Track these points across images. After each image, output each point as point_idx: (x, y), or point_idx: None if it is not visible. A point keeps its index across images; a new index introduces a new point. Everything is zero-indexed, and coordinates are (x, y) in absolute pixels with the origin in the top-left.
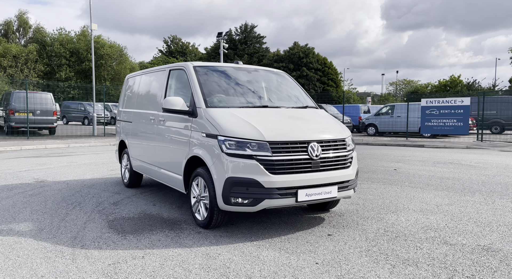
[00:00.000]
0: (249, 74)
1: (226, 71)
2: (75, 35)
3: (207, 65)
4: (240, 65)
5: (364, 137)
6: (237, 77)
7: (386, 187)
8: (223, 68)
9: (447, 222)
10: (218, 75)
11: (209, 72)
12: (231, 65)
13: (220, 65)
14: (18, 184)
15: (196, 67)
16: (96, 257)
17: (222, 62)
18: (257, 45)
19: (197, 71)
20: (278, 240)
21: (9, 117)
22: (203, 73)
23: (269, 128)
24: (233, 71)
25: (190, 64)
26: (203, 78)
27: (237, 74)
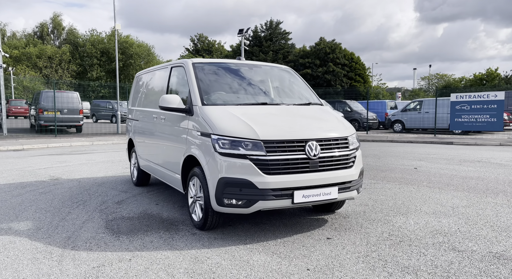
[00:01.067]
0: (250, 71)
1: (226, 67)
2: (106, 36)
3: (207, 62)
4: (242, 61)
5: (389, 134)
6: (237, 74)
7: (401, 187)
8: (223, 64)
9: (460, 226)
10: (218, 72)
11: (208, 69)
12: (232, 61)
13: (220, 61)
14: (33, 181)
15: (195, 63)
16: (84, 259)
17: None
18: (282, 41)
19: (196, 68)
20: (273, 243)
21: (38, 116)
22: (202, 70)
23: (265, 127)
24: (234, 68)
25: (189, 61)
26: (202, 75)
27: (237, 71)
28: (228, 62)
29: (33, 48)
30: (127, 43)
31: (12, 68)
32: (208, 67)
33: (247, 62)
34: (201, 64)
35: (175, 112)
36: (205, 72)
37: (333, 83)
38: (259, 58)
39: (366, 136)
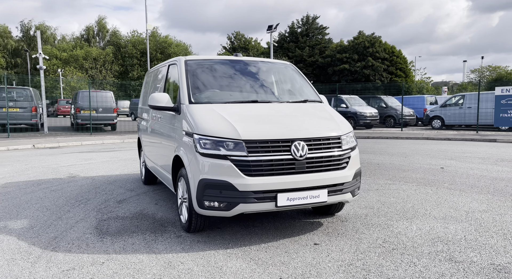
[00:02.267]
0: (245, 67)
1: (220, 64)
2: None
3: (200, 59)
4: (238, 58)
5: (426, 131)
6: (231, 71)
7: (418, 188)
8: (217, 61)
9: (468, 233)
10: (211, 69)
11: (201, 67)
12: (227, 57)
13: (215, 58)
14: (51, 179)
15: (188, 61)
16: (58, 261)
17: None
18: (319, 36)
19: (188, 65)
20: (255, 248)
21: (76, 115)
22: (194, 68)
23: (249, 126)
24: (228, 65)
25: (182, 58)
26: (193, 73)
27: (231, 68)
28: (223, 59)
29: (80, 50)
30: (166, 43)
31: (61, 69)
32: (201, 65)
33: (244, 58)
34: (194, 61)
35: (166, 111)
36: (197, 69)
37: (372, 78)
38: (295, 54)
39: (400, 133)
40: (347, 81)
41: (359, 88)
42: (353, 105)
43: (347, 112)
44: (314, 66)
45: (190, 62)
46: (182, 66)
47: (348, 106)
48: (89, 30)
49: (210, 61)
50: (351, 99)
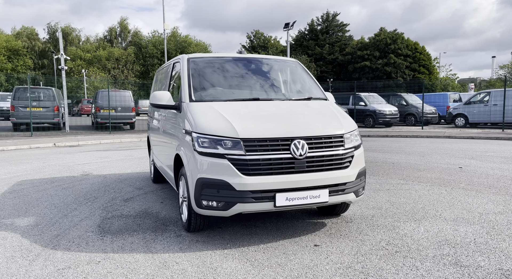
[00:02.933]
0: (249, 65)
1: (223, 62)
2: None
3: (203, 56)
4: (241, 55)
5: (448, 129)
6: (233, 69)
7: (431, 188)
8: (220, 59)
9: (479, 236)
10: (213, 67)
11: (204, 64)
12: (231, 55)
13: (218, 55)
14: (64, 177)
15: (190, 58)
16: (55, 259)
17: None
18: (339, 33)
19: (190, 63)
20: (254, 249)
21: (96, 114)
22: (196, 66)
23: (247, 124)
24: (231, 62)
25: (185, 56)
26: (195, 71)
27: (234, 65)
28: (226, 57)
29: (103, 51)
30: (186, 43)
31: (85, 70)
32: (204, 62)
33: (248, 55)
34: (196, 59)
35: (169, 110)
36: (200, 67)
37: (394, 75)
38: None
39: (420, 132)
40: (368, 78)
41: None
42: (372, 103)
43: (365, 110)
44: (334, 64)
45: (192, 60)
46: (184, 64)
47: (367, 104)
48: (111, 31)
49: (213, 58)
50: (370, 97)
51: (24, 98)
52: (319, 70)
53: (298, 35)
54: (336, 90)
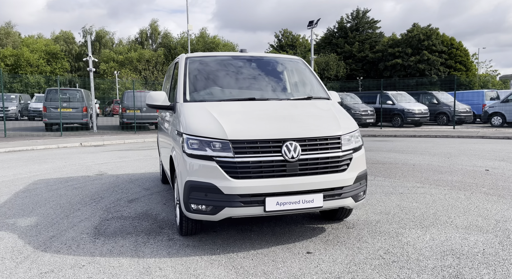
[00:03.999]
0: (249, 64)
1: (222, 61)
2: (195, 37)
3: (202, 56)
4: (241, 54)
5: (483, 128)
6: (232, 68)
7: (449, 192)
8: (220, 58)
9: (489, 246)
10: (212, 66)
11: (202, 64)
12: (231, 54)
13: (217, 54)
14: (79, 176)
15: (188, 58)
16: (42, 262)
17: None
18: (369, 30)
19: (188, 62)
20: (243, 255)
21: (122, 114)
22: (194, 65)
23: (238, 125)
24: (230, 61)
25: (184, 55)
26: (192, 70)
27: (234, 64)
28: (226, 55)
29: (134, 53)
30: (214, 43)
31: (117, 71)
32: (202, 61)
33: (249, 54)
34: (195, 58)
35: (165, 110)
36: (198, 66)
37: (427, 72)
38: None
39: (451, 132)
40: (399, 76)
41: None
42: (400, 101)
43: (393, 109)
44: (363, 62)
45: (191, 59)
46: (182, 63)
47: (395, 102)
48: (142, 33)
49: (212, 57)
50: (398, 96)
51: (55, 100)
52: (349, 68)
53: (327, 33)
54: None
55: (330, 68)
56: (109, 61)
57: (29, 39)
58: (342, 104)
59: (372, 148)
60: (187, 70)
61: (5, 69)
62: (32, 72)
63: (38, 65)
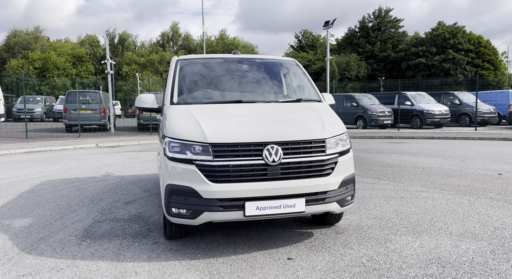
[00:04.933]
0: (239, 66)
1: (212, 63)
2: (215, 39)
3: (191, 58)
4: (232, 56)
5: (507, 130)
6: (222, 70)
7: (453, 197)
8: (209, 60)
9: (480, 254)
10: (201, 68)
11: (192, 66)
12: (222, 56)
13: (208, 56)
14: (86, 177)
15: (179, 60)
16: (23, 264)
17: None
18: (392, 30)
19: (178, 65)
20: (223, 260)
21: (139, 116)
22: (184, 67)
23: (219, 128)
24: (221, 63)
25: (175, 57)
26: (182, 73)
27: (224, 66)
28: (217, 57)
29: (155, 55)
30: (233, 45)
31: (139, 74)
32: (192, 64)
33: (240, 56)
34: (185, 60)
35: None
36: (188, 69)
37: (453, 72)
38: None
39: (472, 133)
40: (423, 76)
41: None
42: (419, 102)
43: (412, 110)
44: (386, 61)
45: (181, 61)
46: (172, 65)
47: (414, 103)
48: (163, 36)
49: (203, 59)
50: (418, 96)
51: (74, 101)
52: (370, 68)
53: (348, 33)
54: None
55: (350, 68)
56: (131, 63)
57: (57, 43)
58: (358, 105)
59: (384, 150)
60: (176, 73)
61: (34, 72)
62: (58, 75)
63: (65, 68)
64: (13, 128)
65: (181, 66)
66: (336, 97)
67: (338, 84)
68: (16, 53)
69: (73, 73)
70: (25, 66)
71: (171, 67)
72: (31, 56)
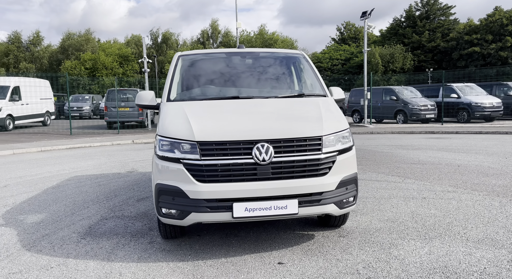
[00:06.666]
0: (242, 61)
1: (214, 58)
2: (254, 35)
3: (193, 53)
4: (235, 50)
5: None
6: (223, 65)
7: (483, 199)
8: (211, 55)
9: (494, 264)
10: (201, 64)
11: (192, 62)
12: (225, 50)
13: (210, 51)
14: (111, 173)
15: (181, 56)
16: (18, 261)
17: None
18: (442, 18)
19: (178, 61)
20: (211, 263)
21: None
22: (184, 63)
23: (209, 126)
24: (223, 59)
25: (178, 53)
26: (181, 69)
27: (226, 62)
28: (218, 52)
29: None
30: (272, 40)
31: None
32: (193, 60)
33: (244, 50)
34: (187, 56)
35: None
36: (188, 65)
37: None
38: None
39: None
40: (476, 66)
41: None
42: (467, 94)
43: (458, 103)
44: (434, 52)
45: (183, 57)
46: (173, 62)
47: (461, 96)
48: (204, 33)
49: (205, 55)
50: (466, 88)
51: (114, 99)
52: (417, 59)
53: (393, 23)
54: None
55: (395, 60)
56: None
57: (106, 44)
58: (398, 98)
59: (421, 146)
60: (176, 69)
61: (85, 72)
62: (107, 74)
63: (112, 67)
64: (62, 125)
65: (182, 62)
66: (374, 91)
67: (382, 76)
68: (69, 54)
69: (120, 72)
70: (77, 67)
71: (172, 63)
72: (82, 57)
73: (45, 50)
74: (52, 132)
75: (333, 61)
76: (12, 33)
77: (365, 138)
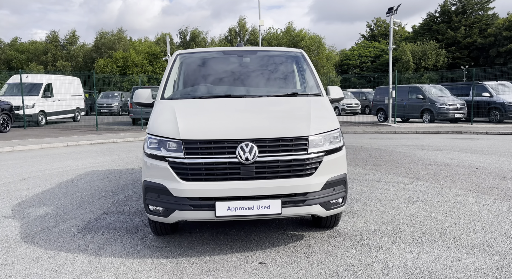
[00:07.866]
0: (239, 59)
1: (209, 57)
2: (281, 32)
3: (191, 52)
4: (232, 48)
5: None
6: (218, 64)
7: (491, 203)
8: (208, 54)
9: (481, 271)
10: (197, 62)
11: (189, 60)
12: (222, 49)
13: (208, 50)
14: (124, 169)
15: (179, 54)
16: (13, 253)
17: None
18: (479, 12)
19: (176, 60)
20: (194, 261)
21: None
22: (182, 61)
23: (195, 124)
24: (219, 57)
25: (177, 51)
26: (178, 67)
27: (222, 60)
28: (216, 51)
29: None
30: (299, 37)
31: None
32: (190, 58)
33: (242, 48)
34: (184, 54)
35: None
36: (185, 63)
37: None
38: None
39: None
40: None
41: None
42: (500, 93)
43: (490, 102)
44: (470, 48)
45: (181, 55)
46: (171, 60)
47: (493, 94)
48: (231, 31)
49: (202, 53)
50: (500, 87)
51: None
52: (451, 56)
53: (427, 19)
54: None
55: (427, 57)
56: None
57: (136, 42)
58: (425, 97)
59: (442, 147)
60: (173, 67)
61: (117, 70)
62: (137, 71)
63: (142, 65)
64: (90, 121)
65: (179, 61)
66: (400, 89)
67: (413, 74)
68: (103, 53)
69: (149, 69)
70: (109, 65)
71: (169, 61)
72: (114, 55)
73: (80, 49)
74: (80, 128)
75: (362, 58)
76: (50, 33)
77: (387, 137)
